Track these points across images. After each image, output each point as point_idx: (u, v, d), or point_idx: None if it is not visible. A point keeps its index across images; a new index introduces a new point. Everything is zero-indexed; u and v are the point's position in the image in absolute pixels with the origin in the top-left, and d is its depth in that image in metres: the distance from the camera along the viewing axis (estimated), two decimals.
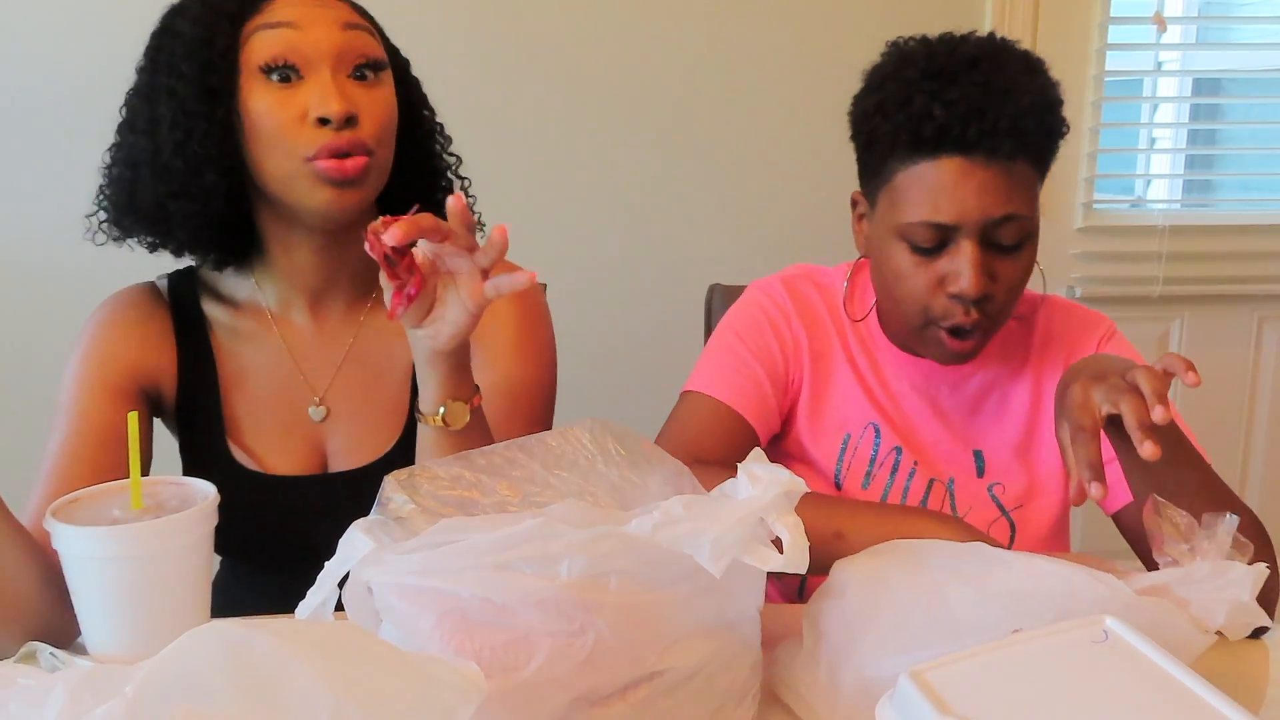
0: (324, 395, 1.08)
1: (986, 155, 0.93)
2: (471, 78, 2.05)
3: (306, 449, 1.07)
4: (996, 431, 1.11)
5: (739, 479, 0.69)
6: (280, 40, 0.95)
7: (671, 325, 1.92)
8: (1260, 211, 2.44)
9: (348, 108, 0.94)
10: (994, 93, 0.93)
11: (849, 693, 0.73)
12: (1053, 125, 0.98)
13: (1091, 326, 1.12)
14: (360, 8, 1.03)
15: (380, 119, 0.98)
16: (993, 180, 0.94)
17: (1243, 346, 2.37)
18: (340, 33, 0.96)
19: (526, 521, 0.62)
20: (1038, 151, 0.97)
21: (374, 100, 0.98)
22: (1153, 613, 0.69)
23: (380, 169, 1.00)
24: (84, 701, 0.50)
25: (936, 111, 0.93)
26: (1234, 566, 0.72)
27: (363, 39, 0.98)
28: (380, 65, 0.99)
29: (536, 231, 2.11)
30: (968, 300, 0.97)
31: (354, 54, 0.97)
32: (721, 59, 2.10)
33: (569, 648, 0.62)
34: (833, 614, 0.76)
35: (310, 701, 0.50)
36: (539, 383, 1.10)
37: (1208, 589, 0.72)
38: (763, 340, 1.12)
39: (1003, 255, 0.98)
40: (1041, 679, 0.60)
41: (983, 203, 0.94)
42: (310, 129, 0.94)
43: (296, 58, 0.95)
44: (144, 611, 0.78)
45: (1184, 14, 2.52)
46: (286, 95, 0.95)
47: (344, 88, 0.96)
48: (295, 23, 0.95)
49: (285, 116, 0.95)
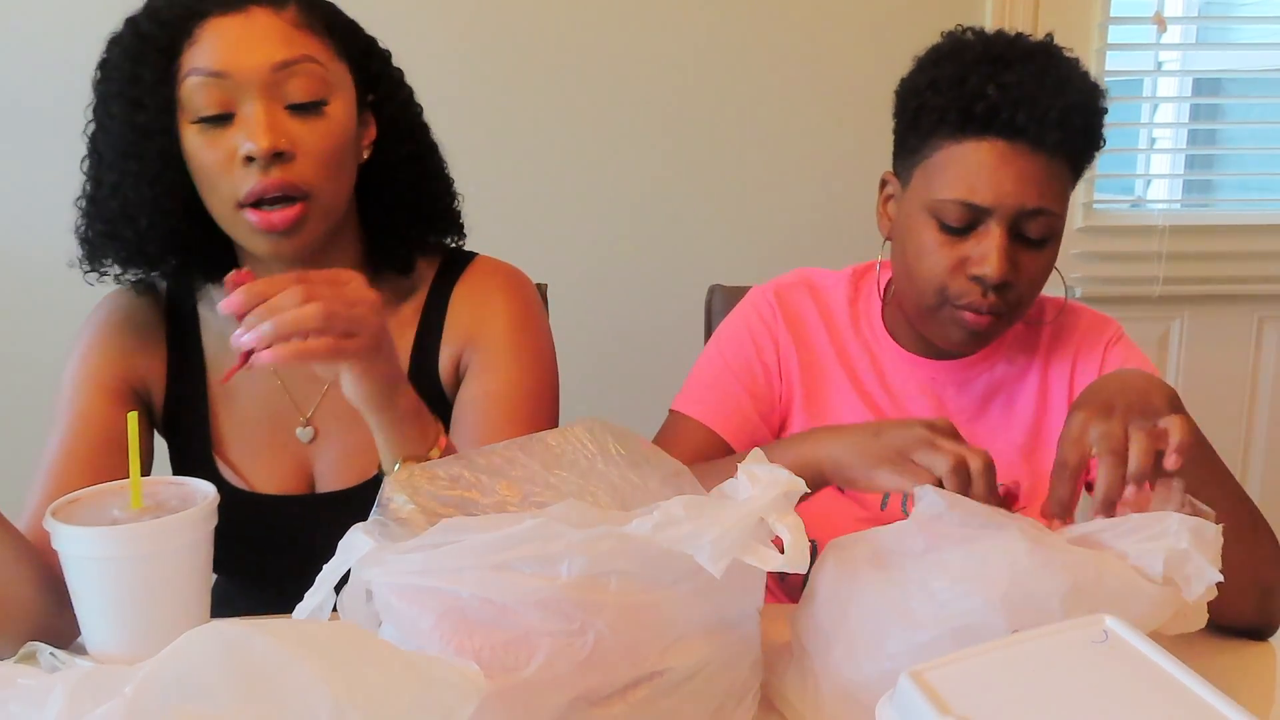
0: (311, 416, 1.05)
1: (1031, 144, 0.95)
2: (472, 78, 2.05)
3: (293, 468, 1.05)
4: (1003, 433, 1.11)
5: (739, 479, 0.69)
6: (207, 92, 0.90)
7: (671, 325, 1.91)
8: (1260, 211, 2.44)
9: (274, 143, 0.89)
10: (1048, 84, 0.95)
11: (830, 697, 0.73)
12: (1095, 129, 0.99)
13: (1099, 329, 1.12)
14: (310, 21, 0.96)
15: (321, 154, 0.93)
16: (1032, 170, 0.95)
17: (1243, 346, 2.37)
18: (271, 74, 0.91)
19: (526, 521, 0.62)
20: (1078, 151, 0.99)
21: (313, 133, 0.93)
22: (1097, 566, 0.70)
23: (323, 210, 0.95)
24: (83, 702, 0.50)
25: (990, 91, 0.94)
26: (1166, 517, 0.72)
27: (299, 78, 0.92)
28: (318, 104, 0.93)
29: (537, 231, 2.11)
30: (988, 284, 0.97)
31: (288, 93, 0.92)
32: (722, 59, 2.10)
33: (569, 648, 0.62)
34: (808, 621, 0.77)
35: (310, 701, 0.50)
36: (539, 387, 1.06)
37: (1140, 539, 0.72)
38: (745, 359, 1.13)
39: (1027, 248, 0.99)
40: (1041, 679, 0.60)
41: (1020, 190, 0.95)
42: (240, 168, 0.90)
43: (227, 105, 0.91)
44: (144, 611, 0.78)
45: (1184, 14, 2.52)
46: (216, 136, 0.91)
47: (277, 122, 0.91)
48: (225, 72, 0.90)
49: (215, 157, 0.91)
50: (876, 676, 0.69)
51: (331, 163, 0.94)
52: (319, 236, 0.97)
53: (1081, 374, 1.10)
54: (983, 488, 0.81)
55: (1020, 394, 1.11)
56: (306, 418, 1.05)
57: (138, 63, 0.92)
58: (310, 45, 0.94)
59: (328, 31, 0.96)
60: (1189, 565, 0.70)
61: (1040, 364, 1.12)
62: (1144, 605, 0.69)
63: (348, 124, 0.96)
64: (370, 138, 1.02)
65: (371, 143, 1.02)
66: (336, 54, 0.97)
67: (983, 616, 0.68)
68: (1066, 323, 1.13)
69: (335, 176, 0.95)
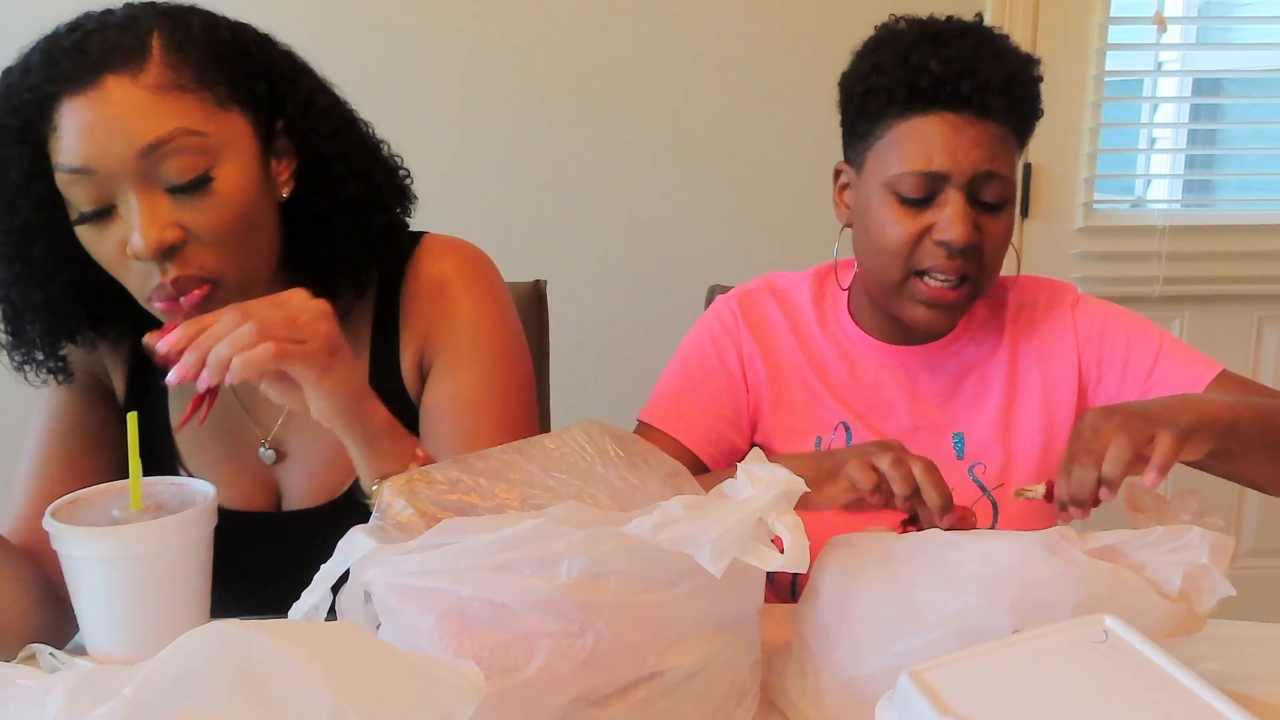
0: (272, 438, 1.00)
1: (977, 112, 0.99)
2: (471, 78, 2.05)
3: (258, 486, 1.00)
4: (976, 412, 1.12)
5: (739, 479, 0.69)
6: (78, 188, 0.81)
7: (671, 325, 1.91)
8: (1260, 211, 2.43)
9: (159, 241, 0.80)
10: (986, 56, 0.99)
11: (832, 695, 0.74)
12: (1034, 97, 1.04)
13: (1058, 295, 1.15)
14: (178, 77, 0.82)
15: (216, 234, 0.83)
16: (982, 136, 0.99)
17: (1243, 346, 2.37)
18: (138, 162, 0.80)
19: (526, 522, 0.62)
20: (1020, 119, 1.02)
21: (203, 214, 0.82)
22: (1111, 580, 0.69)
23: (237, 284, 0.86)
24: (83, 702, 0.50)
25: (933, 66, 0.98)
26: (1190, 530, 0.72)
27: (172, 158, 0.80)
28: (202, 180, 0.82)
29: (536, 231, 2.11)
30: (955, 248, 1.00)
31: (165, 175, 0.81)
32: (722, 59, 2.10)
33: (569, 648, 0.62)
34: (810, 618, 0.77)
35: (309, 702, 0.50)
36: (509, 381, 0.98)
37: (1162, 551, 0.72)
38: (709, 368, 1.14)
39: (985, 212, 1.02)
40: (1041, 679, 0.60)
41: (973, 155, 0.99)
42: (135, 263, 0.82)
43: (102, 200, 0.81)
44: (144, 611, 0.78)
45: (1184, 14, 2.52)
46: (102, 231, 0.82)
47: (157, 214, 0.80)
48: (88, 167, 0.80)
49: (108, 252, 0.83)
50: (879, 674, 0.69)
51: (231, 241, 0.84)
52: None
53: (1054, 343, 1.12)
54: (930, 487, 0.84)
55: (991, 373, 1.13)
56: (267, 440, 1.00)
57: (3, 161, 0.82)
58: (180, 111, 0.81)
59: (201, 80, 0.83)
60: (1206, 579, 0.71)
61: (1008, 342, 1.13)
62: (1153, 620, 0.68)
63: (245, 188, 0.85)
64: (290, 170, 0.91)
65: (293, 172, 0.91)
66: (218, 103, 0.84)
67: (989, 620, 0.68)
68: (1026, 298, 1.15)
69: (242, 251, 0.86)
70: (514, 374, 0.99)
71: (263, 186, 0.87)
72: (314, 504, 1.00)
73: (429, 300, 0.99)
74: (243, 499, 0.99)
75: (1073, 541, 0.73)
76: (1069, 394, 1.11)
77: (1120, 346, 1.10)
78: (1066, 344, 1.11)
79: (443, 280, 0.99)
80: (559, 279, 1.42)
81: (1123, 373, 1.09)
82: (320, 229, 0.92)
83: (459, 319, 0.98)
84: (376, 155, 0.98)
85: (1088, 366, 1.11)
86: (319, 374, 0.78)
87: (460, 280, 0.99)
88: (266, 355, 0.74)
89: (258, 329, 0.74)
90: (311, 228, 0.92)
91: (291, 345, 0.75)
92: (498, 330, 0.99)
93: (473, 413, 0.96)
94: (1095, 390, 1.11)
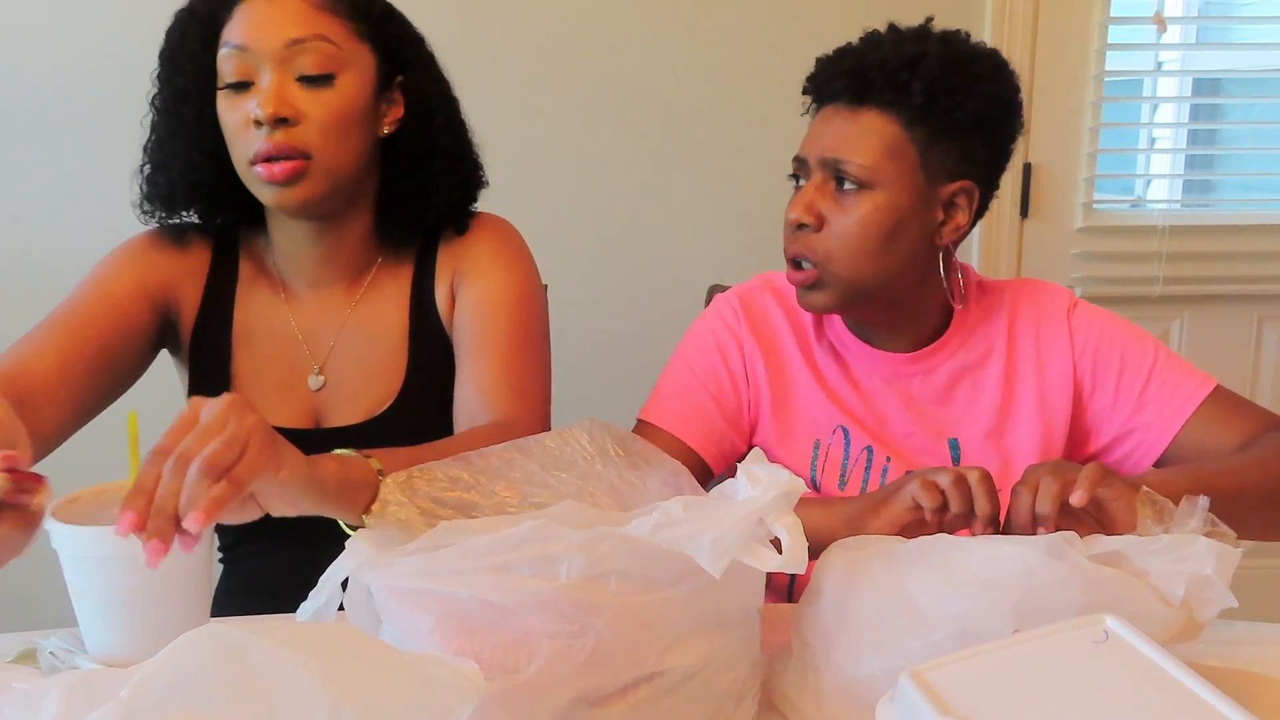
0: (324, 365, 1.13)
1: (849, 100, 1.07)
2: (470, 77, 2.04)
3: (302, 409, 1.12)
4: (970, 418, 1.12)
5: (739, 479, 0.69)
6: (232, 62, 1.02)
7: (671, 325, 1.91)
8: (1260, 211, 2.43)
9: (276, 110, 0.99)
10: (888, 49, 1.05)
11: (832, 695, 0.74)
12: (947, 90, 1.01)
13: (1055, 300, 1.14)
14: (334, 6, 1.04)
15: (323, 121, 1.02)
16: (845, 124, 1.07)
17: (1243, 346, 2.36)
18: (284, 49, 1.01)
19: (526, 523, 0.62)
20: (920, 109, 1.02)
21: (317, 103, 1.02)
22: (1114, 586, 0.69)
23: (324, 169, 1.03)
24: (79, 705, 0.50)
25: (842, 64, 1.08)
26: (1196, 540, 0.73)
27: (309, 54, 1.01)
28: (326, 77, 1.02)
29: (536, 231, 2.10)
30: None
31: (299, 66, 1.01)
32: (723, 58, 2.10)
33: (569, 649, 0.62)
34: (811, 619, 0.77)
35: (306, 703, 0.50)
36: (527, 290, 1.14)
37: (1167, 560, 0.72)
38: (711, 366, 1.14)
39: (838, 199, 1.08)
40: (1041, 679, 0.60)
41: (822, 142, 1.09)
42: (252, 131, 1.01)
43: (247, 74, 1.01)
44: (144, 611, 0.78)
45: (1184, 14, 2.52)
46: (237, 101, 1.02)
47: (285, 92, 1.01)
48: (245, 45, 1.01)
49: (235, 120, 1.02)
50: (880, 675, 0.69)
51: (334, 129, 1.03)
52: (322, 194, 1.04)
53: (1049, 348, 1.12)
54: (983, 496, 0.87)
55: (985, 378, 1.12)
56: (320, 366, 1.12)
57: (185, 34, 1.05)
58: (326, 25, 1.03)
59: (352, 16, 1.05)
60: (1209, 590, 0.71)
61: (1002, 347, 1.13)
62: (1155, 626, 0.68)
63: (356, 98, 1.04)
64: (395, 116, 1.10)
65: (397, 120, 1.10)
66: (358, 35, 1.06)
67: (992, 624, 0.68)
68: (1021, 303, 1.15)
69: (338, 142, 1.03)
70: (530, 286, 1.15)
71: (369, 111, 1.07)
72: (354, 421, 1.11)
73: (460, 245, 1.16)
74: (287, 418, 1.10)
75: (1077, 547, 0.73)
76: (1064, 400, 1.10)
77: (1115, 360, 1.09)
78: (1062, 350, 1.11)
79: (471, 228, 1.17)
80: (559, 279, 1.42)
81: (1116, 388, 1.09)
82: (417, 166, 1.12)
83: (482, 247, 1.15)
84: (466, 134, 1.20)
85: (1083, 374, 1.10)
86: (275, 466, 0.73)
87: (486, 225, 1.18)
88: (225, 490, 0.68)
89: (205, 465, 0.68)
90: (408, 166, 1.12)
91: (239, 467, 0.69)
92: (515, 253, 1.16)
93: (496, 310, 1.10)
94: (1089, 399, 1.11)
